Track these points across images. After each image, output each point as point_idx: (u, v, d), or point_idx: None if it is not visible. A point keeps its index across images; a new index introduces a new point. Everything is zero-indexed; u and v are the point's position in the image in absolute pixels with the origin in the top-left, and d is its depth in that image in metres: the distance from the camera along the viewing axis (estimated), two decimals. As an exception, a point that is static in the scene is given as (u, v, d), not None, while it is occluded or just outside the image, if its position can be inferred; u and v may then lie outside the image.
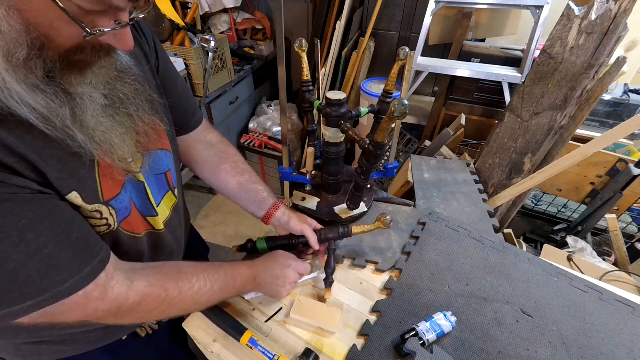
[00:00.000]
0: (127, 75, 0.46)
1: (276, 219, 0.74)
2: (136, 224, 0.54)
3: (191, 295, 0.51)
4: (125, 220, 0.51)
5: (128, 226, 0.52)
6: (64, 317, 0.42)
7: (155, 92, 0.54)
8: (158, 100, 0.53)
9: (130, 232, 0.53)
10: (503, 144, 1.17)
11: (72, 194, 0.41)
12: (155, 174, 0.57)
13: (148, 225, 0.57)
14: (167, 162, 0.60)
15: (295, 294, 0.71)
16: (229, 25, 2.30)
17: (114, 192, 0.48)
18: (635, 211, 1.51)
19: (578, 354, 0.61)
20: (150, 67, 0.56)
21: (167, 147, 0.60)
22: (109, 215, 0.47)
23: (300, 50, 0.81)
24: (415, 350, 0.58)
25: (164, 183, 0.60)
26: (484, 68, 1.57)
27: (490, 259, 0.79)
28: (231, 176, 0.73)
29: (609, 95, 1.63)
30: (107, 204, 0.46)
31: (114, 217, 0.48)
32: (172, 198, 0.63)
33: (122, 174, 0.48)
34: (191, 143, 0.73)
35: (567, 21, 0.92)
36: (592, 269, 1.12)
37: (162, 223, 0.59)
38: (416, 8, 1.92)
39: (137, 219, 0.54)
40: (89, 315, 0.44)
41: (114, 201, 0.48)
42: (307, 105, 0.86)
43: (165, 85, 0.60)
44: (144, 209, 0.55)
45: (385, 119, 0.60)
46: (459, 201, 0.98)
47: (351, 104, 2.13)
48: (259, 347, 0.60)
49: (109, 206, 0.47)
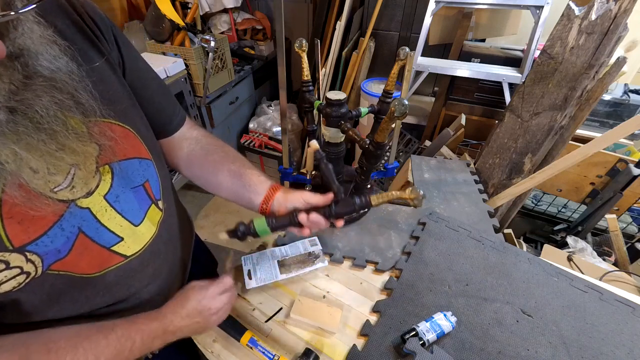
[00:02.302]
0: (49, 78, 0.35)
1: (277, 201, 0.59)
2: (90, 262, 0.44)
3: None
4: (60, 262, 0.40)
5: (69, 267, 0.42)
6: None
7: (120, 91, 0.47)
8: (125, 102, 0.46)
9: (78, 273, 0.43)
10: (503, 144, 1.17)
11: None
12: (131, 187, 0.48)
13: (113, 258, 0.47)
14: (144, 171, 0.51)
15: (295, 294, 0.71)
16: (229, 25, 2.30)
17: (32, 233, 0.37)
18: (635, 211, 1.51)
19: (578, 354, 0.61)
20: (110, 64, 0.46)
21: (143, 155, 0.51)
22: (23, 262, 0.37)
23: (300, 50, 0.81)
24: (415, 350, 0.58)
25: (144, 196, 0.51)
26: (484, 68, 1.57)
27: (490, 259, 0.79)
28: (220, 165, 0.62)
29: (609, 95, 1.63)
30: (19, 251, 0.36)
31: (36, 263, 0.38)
32: (156, 211, 0.54)
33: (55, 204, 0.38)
34: (175, 144, 0.63)
35: (567, 21, 0.92)
36: (592, 269, 1.12)
37: (143, 243, 0.51)
38: (416, 8, 1.92)
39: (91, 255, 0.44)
40: None
41: (33, 245, 0.37)
42: (307, 105, 0.86)
43: (134, 84, 0.51)
44: (105, 238, 0.45)
45: (385, 119, 0.60)
46: (459, 201, 0.98)
47: (351, 104, 2.13)
48: (259, 347, 0.60)
49: (23, 252, 0.36)
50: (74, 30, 0.42)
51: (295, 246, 0.80)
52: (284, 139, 0.87)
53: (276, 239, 0.85)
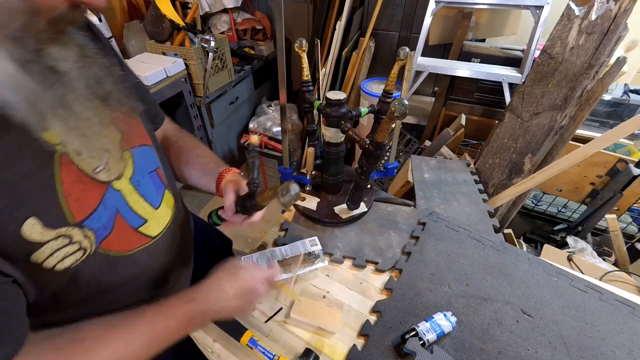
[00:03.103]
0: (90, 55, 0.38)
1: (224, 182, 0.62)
2: (124, 241, 0.46)
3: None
4: (106, 240, 0.43)
5: (111, 245, 0.44)
6: None
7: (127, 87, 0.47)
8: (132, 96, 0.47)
9: (115, 252, 0.45)
10: (503, 144, 1.17)
11: (27, 224, 0.33)
12: (148, 172, 0.51)
13: (141, 239, 0.50)
14: (154, 158, 0.54)
15: (295, 294, 0.71)
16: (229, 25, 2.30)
17: (87, 209, 0.40)
18: (635, 211, 1.51)
19: (578, 354, 0.61)
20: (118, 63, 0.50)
21: (149, 143, 0.53)
22: (82, 238, 0.39)
23: (300, 50, 0.81)
24: (415, 350, 0.58)
25: (159, 181, 0.55)
26: (484, 68, 1.57)
27: (490, 259, 0.79)
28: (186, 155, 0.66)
29: (609, 95, 1.63)
30: (79, 226, 0.39)
31: (91, 239, 0.40)
32: (170, 196, 0.58)
33: (98, 184, 0.41)
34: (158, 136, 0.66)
35: (567, 21, 0.92)
36: (592, 269, 1.12)
37: (163, 226, 0.53)
38: (416, 8, 1.92)
39: (125, 234, 0.46)
40: None
41: (89, 220, 0.40)
42: (307, 105, 0.86)
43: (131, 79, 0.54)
44: (133, 220, 0.48)
45: (385, 119, 0.60)
46: (459, 201, 0.98)
47: (351, 104, 2.13)
48: (259, 347, 0.60)
49: (82, 228, 0.39)
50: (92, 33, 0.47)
51: (295, 246, 0.80)
52: (284, 139, 0.87)
53: (276, 239, 0.85)
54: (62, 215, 0.37)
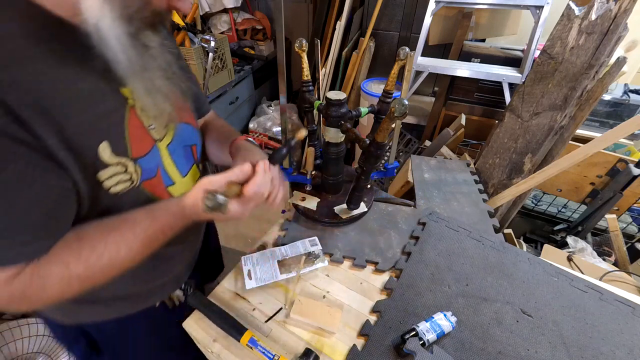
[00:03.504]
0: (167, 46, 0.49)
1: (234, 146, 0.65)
2: (158, 189, 0.55)
3: (102, 266, 0.45)
4: (148, 181, 0.53)
5: (150, 187, 0.54)
6: None
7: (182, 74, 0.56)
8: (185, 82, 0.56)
9: (151, 195, 0.54)
10: (503, 144, 1.17)
11: (102, 145, 0.44)
12: (183, 145, 0.60)
13: (168, 196, 0.58)
14: (193, 136, 0.63)
15: (295, 294, 0.72)
16: (229, 25, 2.30)
17: (141, 151, 0.50)
18: (635, 211, 1.51)
19: (578, 354, 0.61)
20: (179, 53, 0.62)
21: (192, 122, 0.63)
22: (133, 171, 0.49)
23: (300, 50, 0.81)
24: (415, 350, 0.58)
25: (190, 156, 0.63)
26: (484, 68, 1.57)
27: (490, 259, 0.79)
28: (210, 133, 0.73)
29: (609, 95, 1.63)
30: (134, 161, 0.49)
31: (139, 174, 0.50)
32: (196, 171, 0.66)
33: (150, 138, 0.52)
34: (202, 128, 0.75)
35: (567, 21, 0.92)
36: (592, 269, 1.12)
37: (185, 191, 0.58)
38: (416, 8, 1.92)
39: (159, 186, 0.56)
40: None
41: (141, 160, 0.50)
42: (307, 105, 0.86)
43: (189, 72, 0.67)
44: (166, 178, 0.57)
45: (385, 119, 0.60)
46: (459, 201, 0.98)
47: (351, 104, 2.13)
48: (259, 347, 0.60)
49: (135, 163, 0.49)
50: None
51: (295, 246, 0.80)
52: (283, 139, 0.87)
53: (276, 239, 0.85)
54: (124, 148, 0.47)
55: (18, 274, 0.40)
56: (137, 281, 0.63)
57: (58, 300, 0.45)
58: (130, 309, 0.66)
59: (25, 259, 0.41)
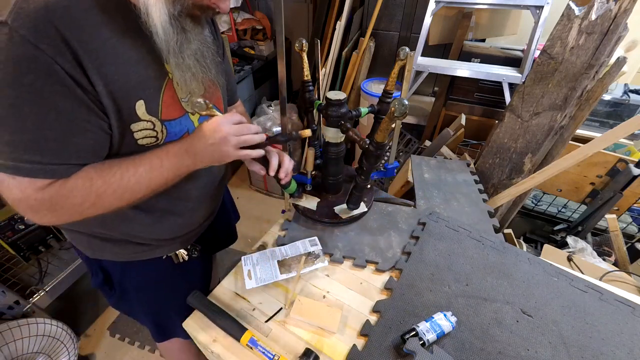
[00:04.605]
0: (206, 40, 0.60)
1: None
2: None
3: (116, 182, 0.54)
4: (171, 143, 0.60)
5: None
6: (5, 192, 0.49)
7: (219, 64, 0.67)
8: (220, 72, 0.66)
9: None
10: (503, 144, 1.17)
11: (139, 102, 0.53)
12: None
13: None
14: None
15: (295, 294, 0.72)
16: (229, 25, 2.30)
17: (170, 116, 0.59)
18: (635, 211, 1.51)
19: (578, 354, 0.61)
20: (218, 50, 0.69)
21: (220, 106, 0.71)
22: (160, 130, 0.58)
23: (300, 50, 0.81)
24: (415, 350, 0.58)
25: None
26: (484, 68, 1.57)
27: (490, 259, 0.79)
28: None
29: (609, 95, 1.63)
30: (162, 122, 0.57)
31: (164, 134, 0.59)
32: None
33: (181, 108, 0.61)
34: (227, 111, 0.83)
35: (567, 21, 0.92)
36: (592, 269, 1.12)
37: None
38: (416, 8, 1.91)
39: None
40: (25, 199, 0.49)
41: (168, 123, 0.59)
42: (307, 105, 0.86)
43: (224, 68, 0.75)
44: None
45: (385, 119, 0.60)
46: (459, 201, 0.98)
47: (351, 104, 2.13)
48: (259, 347, 0.60)
49: (163, 124, 0.58)
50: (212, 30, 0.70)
51: (295, 246, 0.80)
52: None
53: (276, 239, 0.85)
54: (156, 110, 0.56)
55: (49, 185, 0.49)
56: (149, 230, 0.71)
57: (78, 212, 0.53)
58: (140, 255, 0.74)
59: (58, 177, 0.49)
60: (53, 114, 0.46)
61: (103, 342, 1.49)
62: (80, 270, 1.41)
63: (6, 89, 0.43)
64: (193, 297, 0.67)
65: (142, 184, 0.56)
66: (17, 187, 0.48)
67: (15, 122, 0.45)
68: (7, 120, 0.45)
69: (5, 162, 0.46)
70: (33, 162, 0.47)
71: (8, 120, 0.45)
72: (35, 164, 0.47)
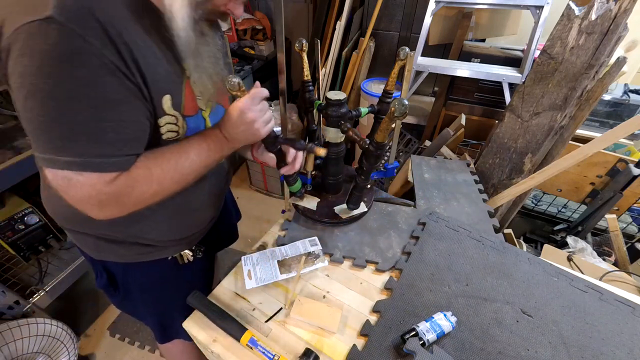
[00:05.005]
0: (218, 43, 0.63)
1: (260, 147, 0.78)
2: None
3: (172, 168, 0.56)
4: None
5: None
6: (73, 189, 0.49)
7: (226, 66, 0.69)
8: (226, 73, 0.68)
9: None
10: (503, 144, 1.17)
11: (165, 97, 0.55)
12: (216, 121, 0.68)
13: None
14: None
15: (295, 294, 0.72)
16: (229, 25, 2.30)
17: (190, 112, 0.62)
18: (635, 211, 1.51)
19: (578, 354, 0.61)
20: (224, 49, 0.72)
21: (227, 107, 0.73)
22: (181, 126, 0.60)
23: (300, 50, 0.81)
24: (415, 350, 0.58)
25: None
26: (484, 68, 1.57)
27: (490, 259, 0.79)
28: None
29: (609, 95, 1.63)
30: (183, 117, 0.60)
31: (184, 129, 0.61)
32: None
33: (196, 105, 0.63)
34: None
35: (567, 21, 0.92)
36: (592, 269, 1.12)
37: None
38: (416, 8, 1.91)
39: None
40: (96, 195, 0.50)
41: (188, 118, 0.62)
42: (307, 105, 0.86)
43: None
44: None
45: (385, 119, 0.60)
46: (459, 201, 0.98)
47: (351, 104, 2.13)
48: (259, 347, 0.60)
49: (184, 119, 0.60)
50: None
51: (295, 246, 0.80)
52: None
53: (276, 239, 0.85)
54: (179, 105, 0.58)
55: (116, 178, 0.50)
56: (158, 231, 0.71)
57: (142, 201, 0.55)
58: (145, 256, 0.74)
59: (123, 169, 0.51)
60: (109, 106, 0.47)
61: (103, 342, 1.49)
62: (80, 270, 1.41)
63: (62, 84, 0.43)
64: (193, 297, 0.67)
65: (194, 168, 0.59)
66: (87, 183, 0.48)
67: (75, 117, 0.45)
68: (67, 116, 0.45)
69: (73, 158, 0.46)
70: (100, 155, 0.48)
71: (68, 116, 0.45)
72: (103, 157, 0.48)
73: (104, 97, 0.46)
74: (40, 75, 0.42)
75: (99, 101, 0.46)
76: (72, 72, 0.43)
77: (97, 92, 0.45)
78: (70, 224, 0.70)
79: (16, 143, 1.06)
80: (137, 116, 0.51)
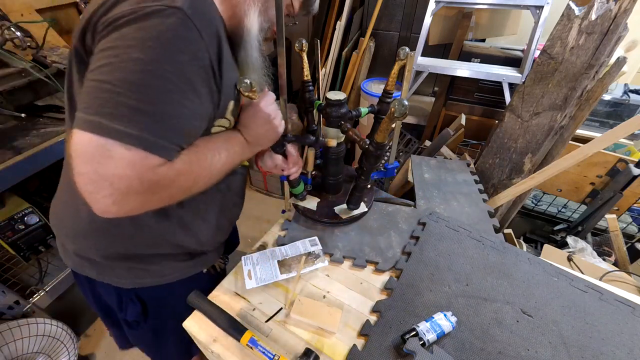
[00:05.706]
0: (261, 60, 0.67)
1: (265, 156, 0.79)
2: None
3: (207, 165, 0.56)
4: None
5: None
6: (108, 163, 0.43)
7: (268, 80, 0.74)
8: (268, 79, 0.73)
9: None
10: (503, 144, 1.17)
11: (231, 103, 0.59)
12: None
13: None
14: None
15: (295, 294, 0.72)
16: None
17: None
18: (635, 211, 1.51)
19: (578, 354, 0.61)
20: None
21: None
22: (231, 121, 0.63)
23: (300, 50, 0.81)
24: (415, 350, 0.58)
25: None
26: (484, 68, 1.57)
27: (490, 259, 0.79)
28: None
29: (609, 95, 1.63)
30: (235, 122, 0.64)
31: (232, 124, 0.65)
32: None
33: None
34: None
35: (567, 21, 0.92)
36: (592, 269, 1.12)
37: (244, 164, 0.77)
38: (416, 8, 1.91)
39: None
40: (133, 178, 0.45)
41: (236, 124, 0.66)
42: (307, 105, 0.86)
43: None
44: None
45: (385, 119, 0.60)
46: (459, 201, 0.98)
47: (351, 104, 2.13)
48: (259, 347, 0.60)
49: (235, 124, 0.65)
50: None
51: (295, 246, 0.80)
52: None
53: (276, 239, 0.85)
54: (236, 111, 0.63)
55: (160, 165, 0.48)
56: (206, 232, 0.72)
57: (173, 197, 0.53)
58: (185, 271, 0.74)
59: (170, 157, 0.49)
60: (190, 95, 0.49)
61: (103, 342, 1.49)
62: (80, 270, 1.41)
63: (163, 63, 0.45)
64: (193, 297, 0.67)
65: (223, 168, 0.60)
66: (129, 160, 0.43)
67: (158, 95, 0.45)
68: (151, 91, 0.45)
69: (128, 129, 0.42)
70: (159, 136, 0.46)
71: (151, 91, 0.45)
72: (160, 138, 0.46)
73: (191, 87, 0.48)
74: (143, 48, 0.43)
75: (185, 87, 0.47)
76: (175, 55, 0.45)
77: (188, 80, 0.47)
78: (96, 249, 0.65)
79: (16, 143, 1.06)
80: (205, 114, 0.53)
